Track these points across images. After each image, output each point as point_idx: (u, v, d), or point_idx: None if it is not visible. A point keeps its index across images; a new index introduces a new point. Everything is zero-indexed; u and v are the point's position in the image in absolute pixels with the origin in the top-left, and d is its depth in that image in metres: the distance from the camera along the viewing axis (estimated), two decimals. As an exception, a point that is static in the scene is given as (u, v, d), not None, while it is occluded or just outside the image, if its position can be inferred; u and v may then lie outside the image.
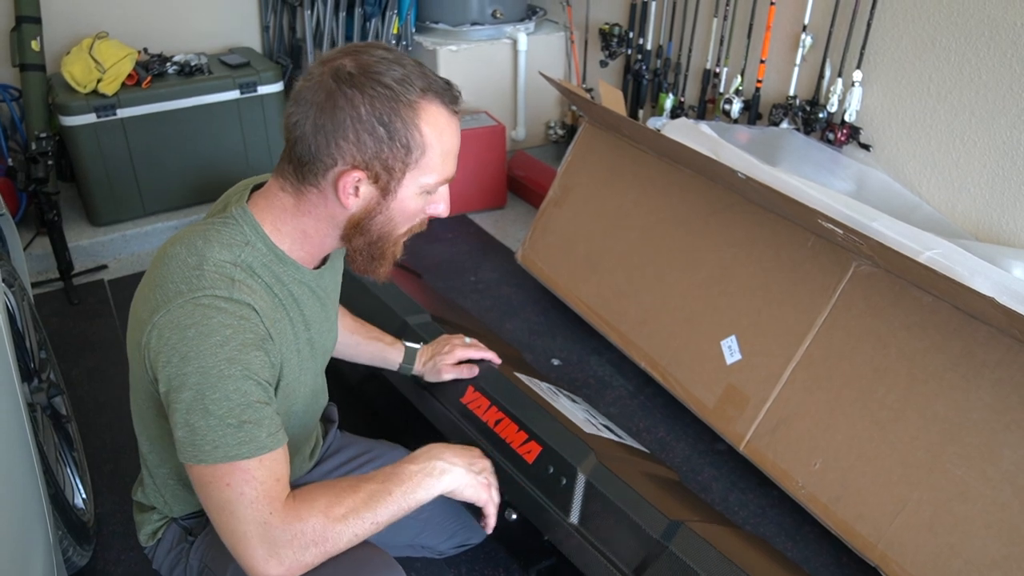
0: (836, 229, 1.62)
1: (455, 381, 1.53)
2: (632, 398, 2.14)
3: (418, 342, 1.57)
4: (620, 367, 2.25)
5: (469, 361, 1.55)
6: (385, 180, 0.99)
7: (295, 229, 1.05)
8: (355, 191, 1.00)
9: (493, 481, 1.15)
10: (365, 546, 1.03)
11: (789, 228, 1.87)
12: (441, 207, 1.06)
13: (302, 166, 1.00)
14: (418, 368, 1.52)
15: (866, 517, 1.60)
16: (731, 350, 1.92)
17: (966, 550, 1.45)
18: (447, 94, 1.00)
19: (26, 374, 1.56)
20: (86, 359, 2.28)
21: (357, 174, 0.98)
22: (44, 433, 1.55)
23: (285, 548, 0.92)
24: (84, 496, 1.70)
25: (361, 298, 1.76)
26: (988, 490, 1.46)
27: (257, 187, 1.10)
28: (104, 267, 2.80)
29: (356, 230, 1.04)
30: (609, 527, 1.27)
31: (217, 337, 0.92)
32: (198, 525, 1.21)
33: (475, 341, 1.59)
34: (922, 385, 1.58)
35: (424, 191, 1.02)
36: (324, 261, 1.15)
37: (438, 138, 0.99)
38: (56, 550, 1.34)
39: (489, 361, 1.56)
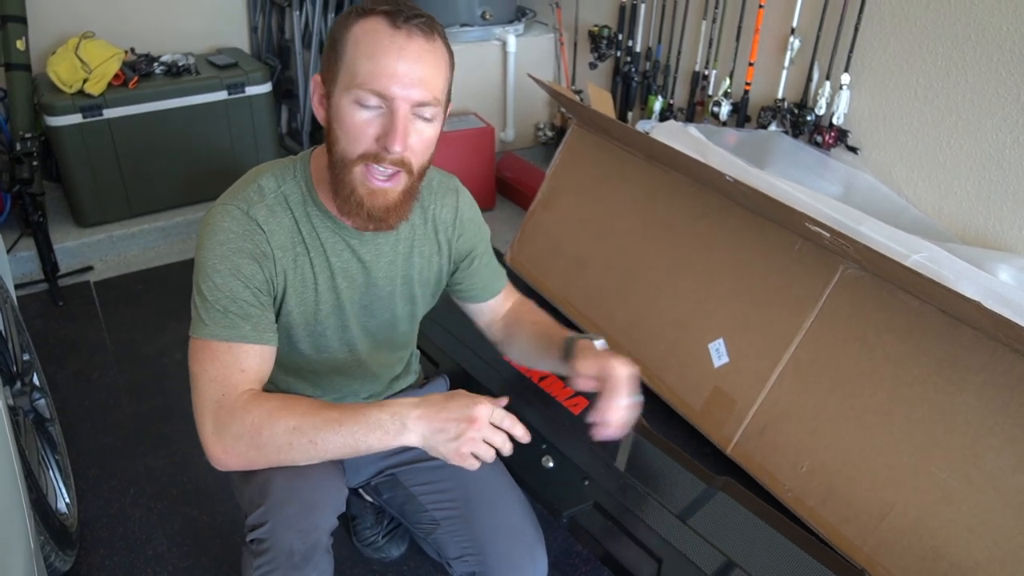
0: (823, 232, 1.62)
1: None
2: (620, 401, 2.14)
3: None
4: (608, 369, 2.24)
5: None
6: (329, 85, 1.06)
7: (323, 173, 1.12)
8: (320, 100, 1.09)
9: (480, 448, 1.01)
10: (326, 464, 1.10)
11: (777, 231, 1.87)
12: (390, 138, 1.02)
13: None
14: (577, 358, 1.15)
15: (852, 520, 1.60)
16: (719, 353, 1.92)
17: (951, 553, 1.46)
18: (397, 14, 1.01)
19: (8, 377, 1.55)
20: (71, 361, 2.26)
21: (318, 77, 1.09)
22: (26, 437, 1.54)
23: (225, 431, 1.01)
24: (67, 500, 1.68)
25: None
26: (972, 493, 1.46)
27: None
28: (90, 268, 2.78)
29: (327, 152, 1.10)
30: (656, 475, 1.38)
31: (220, 237, 1.07)
32: None
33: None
34: (907, 388, 1.59)
35: (355, 101, 1.02)
36: (380, 227, 1.13)
37: (365, 43, 1.01)
38: (37, 555, 1.33)
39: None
